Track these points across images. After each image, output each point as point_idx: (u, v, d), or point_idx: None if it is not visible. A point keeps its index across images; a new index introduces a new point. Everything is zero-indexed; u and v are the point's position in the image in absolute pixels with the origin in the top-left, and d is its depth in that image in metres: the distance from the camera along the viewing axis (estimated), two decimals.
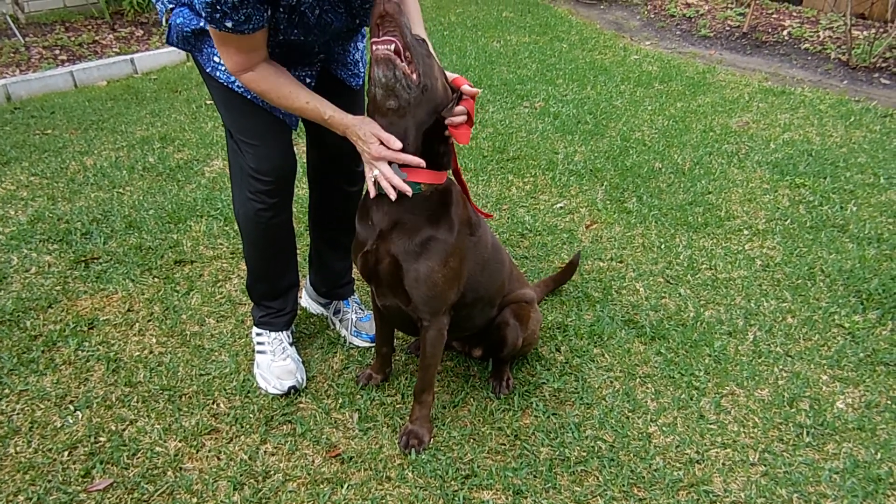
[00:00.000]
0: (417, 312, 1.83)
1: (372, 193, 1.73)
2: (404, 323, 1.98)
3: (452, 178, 1.85)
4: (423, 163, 1.68)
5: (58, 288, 2.59)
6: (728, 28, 6.20)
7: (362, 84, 2.04)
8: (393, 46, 1.57)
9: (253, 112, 1.87)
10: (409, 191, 1.68)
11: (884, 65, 5.21)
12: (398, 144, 1.64)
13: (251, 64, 1.67)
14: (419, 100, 1.63)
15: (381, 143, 1.65)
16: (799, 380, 2.23)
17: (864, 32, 5.58)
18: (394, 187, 1.68)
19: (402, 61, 1.58)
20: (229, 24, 1.55)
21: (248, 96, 1.84)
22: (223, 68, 1.80)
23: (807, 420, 2.07)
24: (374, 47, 1.59)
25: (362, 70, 2.04)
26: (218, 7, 1.51)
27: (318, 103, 1.74)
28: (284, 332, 2.22)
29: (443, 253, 1.77)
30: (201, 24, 1.75)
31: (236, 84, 1.82)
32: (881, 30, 5.47)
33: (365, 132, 1.66)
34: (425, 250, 1.75)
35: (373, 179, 1.71)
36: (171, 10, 1.81)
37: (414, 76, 1.61)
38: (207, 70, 1.85)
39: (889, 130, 4.12)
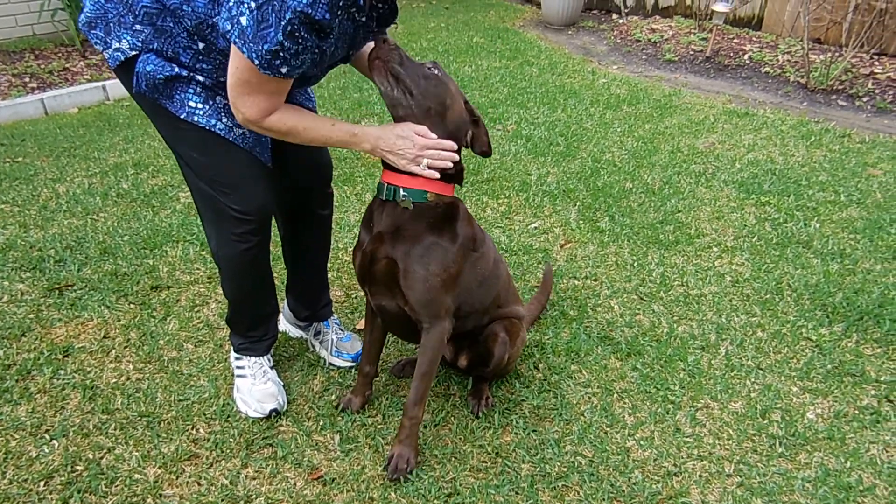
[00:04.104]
0: (416, 314, 1.85)
1: (435, 175, 1.81)
2: (402, 326, 1.98)
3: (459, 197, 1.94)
4: (455, 146, 1.82)
5: (31, 316, 2.56)
6: (692, 52, 6.39)
7: (315, 107, 2.09)
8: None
9: (233, 153, 1.84)
10: (455, 158, 1.82)
11: (840, 87, 5.41)
12: (433, 135, 1.77)
13: (275, 107, 1.67)
14: (424, 114, 1.77)
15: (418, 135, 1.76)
16: (770, 392, 2.29)
17: (821, 56, 5.79)
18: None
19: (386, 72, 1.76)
20: (284, 70, 1.56)
21: (230, 137, 1.81)
22: (202, 112, 1.76)
23: (779, 431, 2.13)
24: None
25: (312, 94, 2.08)
26: (280, 55, 1.51)
27: (341, 124, 1.78)
28: (265, 356, 2.21)
29: (443, 257, 1.83)
30: (175, 70, 1.71)
31: (217, 126, 1.78)
32: (836, 54, 5.69)
33: (402, 130, 1.76)
34: (427, 252, 1.81)
35: (426, 170, 1.79)
36: (135, 57, 1.71)
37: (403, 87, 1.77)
38: (182, 116, 1.76)
39: (847, 150, 4.27)
